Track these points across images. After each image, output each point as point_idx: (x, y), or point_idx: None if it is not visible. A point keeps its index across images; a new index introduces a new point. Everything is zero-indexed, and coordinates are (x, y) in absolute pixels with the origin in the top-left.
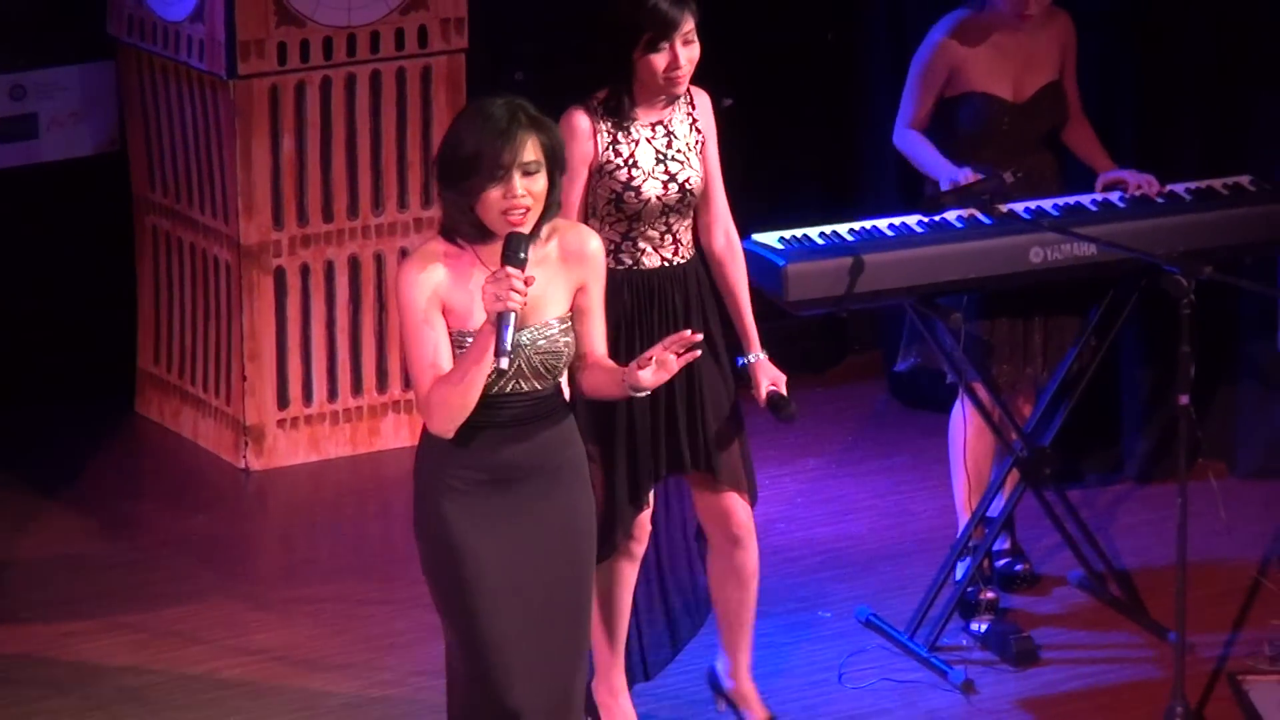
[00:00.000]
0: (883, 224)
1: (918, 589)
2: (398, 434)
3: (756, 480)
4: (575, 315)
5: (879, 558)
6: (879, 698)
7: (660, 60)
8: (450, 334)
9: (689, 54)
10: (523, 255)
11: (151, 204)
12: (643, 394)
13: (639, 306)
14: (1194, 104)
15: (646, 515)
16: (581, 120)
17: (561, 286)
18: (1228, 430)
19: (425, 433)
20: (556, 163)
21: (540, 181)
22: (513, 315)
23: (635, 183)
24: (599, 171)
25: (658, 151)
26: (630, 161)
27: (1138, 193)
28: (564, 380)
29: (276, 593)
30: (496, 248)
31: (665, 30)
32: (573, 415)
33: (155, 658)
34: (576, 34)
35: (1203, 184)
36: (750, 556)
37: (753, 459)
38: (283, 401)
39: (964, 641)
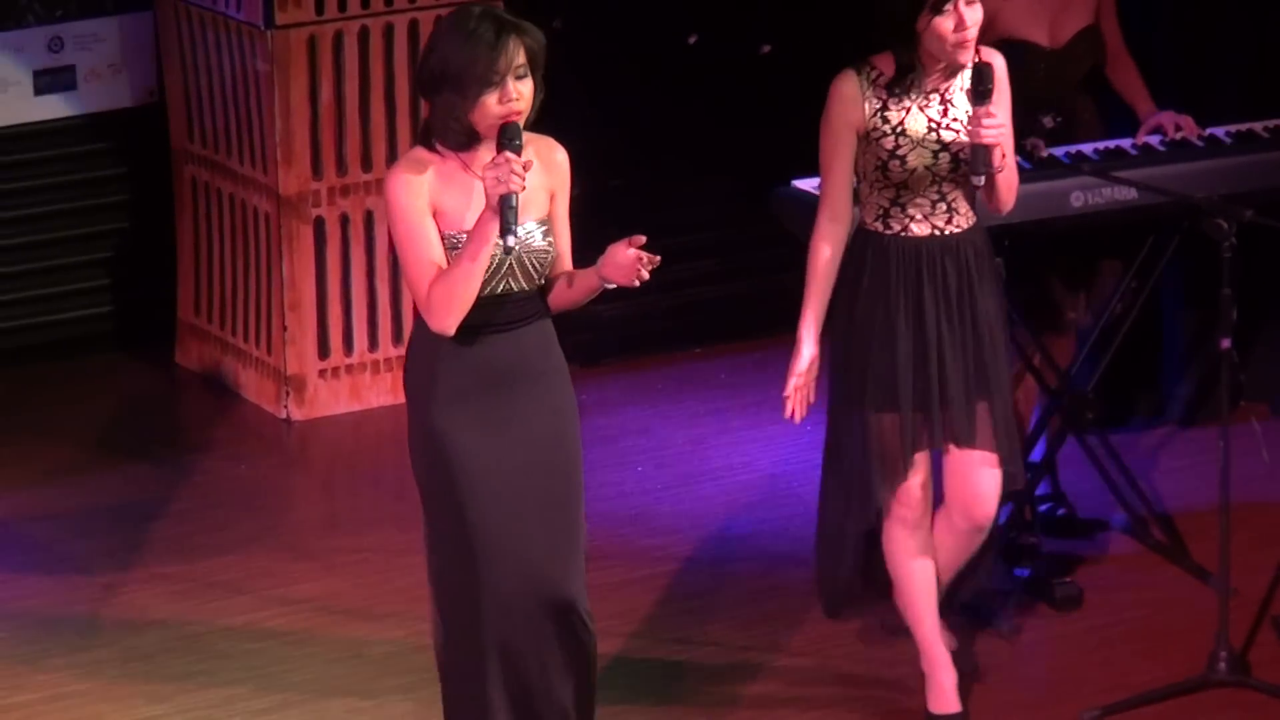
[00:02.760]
0: None
1: None
2: None
3: (1021, 467)
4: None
5: None
6: None
7: (946, 23)
8: (441, 237)
9: (973, 15)
10: (518, 142)
11: (190, 155)
12: (611, 285)
13: (904, 274)
14: (1234, 46)
15: (915, 483)
16: (848, 86)
17: (540, 190)
18: (1270, 373)
19: (414, 340)
20: (538, 65)
21: (529, 84)
22: (515, 197)
23: (901, 151)
24: (866, 138)
25: (930, 120)
26: (898, 129)
27: (1176, 135)
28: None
29: (318, 542)
30: (480, 154)
31: None
32: (551, 321)
33: (198, 608)
34: None
35: (1243, 127)
36: (977, 543)
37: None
38: (323, 351)
39: (1007, 586)
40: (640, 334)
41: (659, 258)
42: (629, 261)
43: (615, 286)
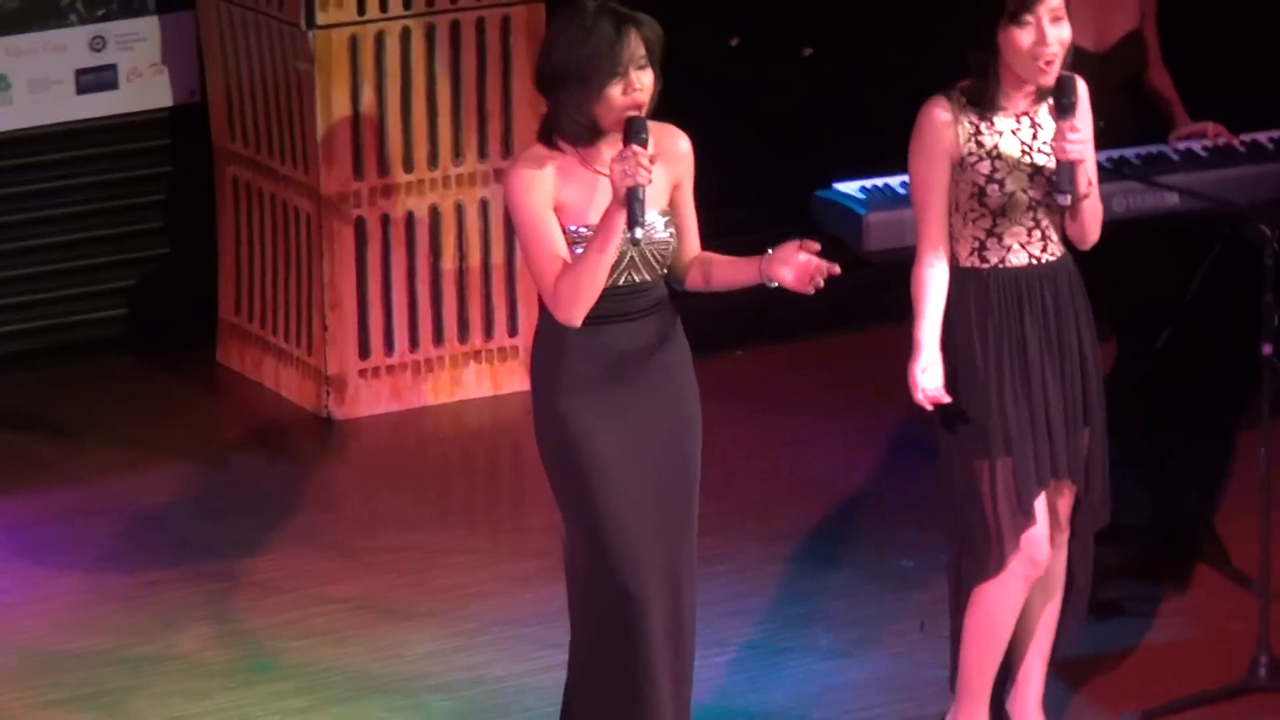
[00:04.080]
0: None
1: None
2: (479, 384)
3: (1109, 496)
4: (673, 213)
5: None
6: None
7: (1025, 36)
8: (563, 230)
9: (1058, 33)
10: (645, 135)
11: (232, 154)
12: (774, 285)
13: (1005, 308)
14: (1272, 51)
15: (1038, 531)
16: (940, 111)
17: (661, 181)
18: None
19: (540, 331)
20: (657, 56)
21: (649, 74)
22: (641, 190)
23: (998, 175)
24: (960, 165)
25: (1023, 144)
26: (994, 154)
27: (1218, 141)
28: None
29: (359, 542)
30: (600, 149)
31: (1029, 1)
32: (677, 311)
33: (238, 607)
34: None
35: None
36: (1063, 564)
37: (1106, 473)
38: (364, 351)
39: None
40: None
41: (837, 268)
42: (802, 268)
43: (777, 286)
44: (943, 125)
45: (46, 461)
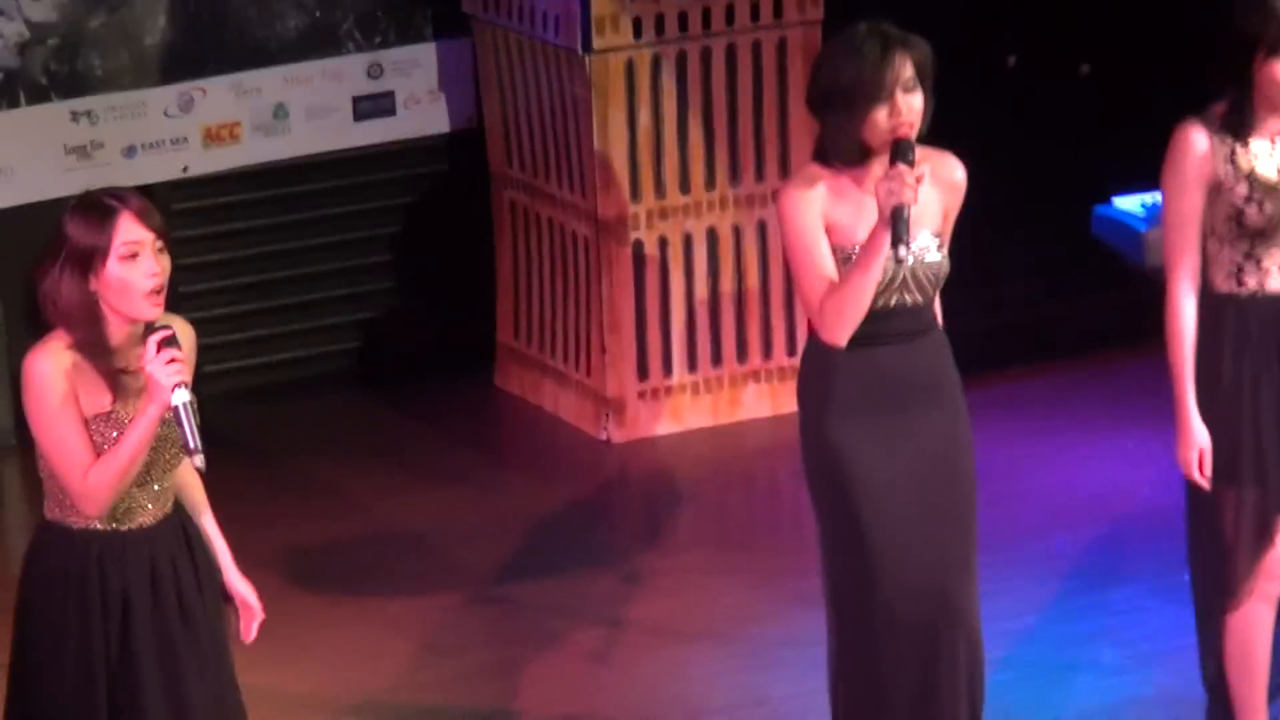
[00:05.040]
0: None
1: None
2: (759, 404)
3: None
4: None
5: None
6: None
7: None
8: (833, 250)
9: None
10: (911, 156)
11: (509, 179)
12: None
13: (1264, 336)
14: None
15: (1277, 552)
16: (1198, 136)
17: (935, 206)
18: None
19: (808, 353)
20: (927, 77)
21: (919, 97)
22: (906, 209)
23: (1257, 196)
24: (1217, 188)
25: (1278, 166)
26: (1250, 176)
27: None
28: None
29: (638, 564)
30: (872, 168)
31: None
32: (945, 335)
33: (518, 631)
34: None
35: None
36: None
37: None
38: (643, 373)
39: None
40: (959, 354)
41: None
42: None
43: None
44: (1199, 149)
45: (331, 486)
